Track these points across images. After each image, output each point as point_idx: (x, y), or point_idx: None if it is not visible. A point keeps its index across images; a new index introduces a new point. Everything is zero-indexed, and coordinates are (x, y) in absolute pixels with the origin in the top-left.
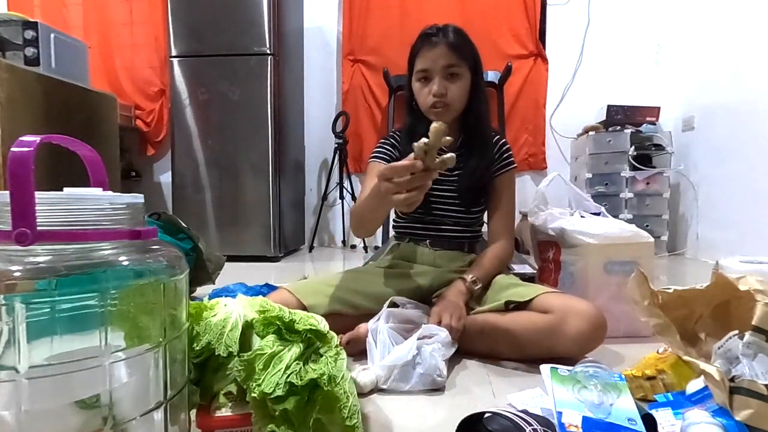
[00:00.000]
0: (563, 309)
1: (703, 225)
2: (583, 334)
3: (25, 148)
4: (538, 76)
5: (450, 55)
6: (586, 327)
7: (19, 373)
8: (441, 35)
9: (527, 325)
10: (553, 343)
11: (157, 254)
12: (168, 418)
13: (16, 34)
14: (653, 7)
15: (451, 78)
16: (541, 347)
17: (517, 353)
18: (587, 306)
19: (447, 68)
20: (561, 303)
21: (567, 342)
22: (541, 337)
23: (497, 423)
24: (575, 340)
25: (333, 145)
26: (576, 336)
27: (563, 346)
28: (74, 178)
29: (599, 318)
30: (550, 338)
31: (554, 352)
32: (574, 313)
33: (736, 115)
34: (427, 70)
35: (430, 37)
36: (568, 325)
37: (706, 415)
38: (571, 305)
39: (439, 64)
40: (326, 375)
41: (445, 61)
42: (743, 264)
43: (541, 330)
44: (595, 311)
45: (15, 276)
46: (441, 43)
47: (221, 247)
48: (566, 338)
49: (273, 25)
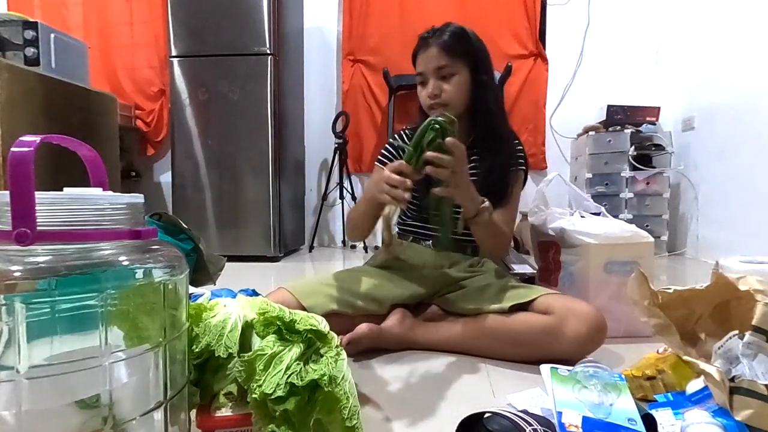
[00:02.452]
0: (563, 310)
1: (703, 225)
2: (583, 336)
3: (25, 148)
4: (538, 76)
5: (441, 55)
6: (586, 329)
7: (19, 373)
8: (435, 37)
9: (527, 325)
10: (552, 345)
11: (157, 254)
12: (168, 418)
13: (16, 34)
14: (653, 7)
15: (444, 78)
16: (540, 348)
17: (517, 354)
18: (588, 308)
19: (439, 69)
20: (561, 304)
21: (566, 344)
22: (541, 338)
23: (497, 423)
24: (574, 342)
25: (333, 145)
26: (575, 338)
27: (562, 348)
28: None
29: (599, 320)
30: (549, 339)
31: (553, 354)
32: (574, 314)
33: (736, 115)
34: (422, 73)
35: (426, 39)
36: (568, 327)
37: (706, 415)
38: (572, 307)
39: (432, 66)
40: (327, 376)
41: (437, 63)
42: (743, 264)
43: (541, 331)
44: (595, 313)
45: (15, 276)
46: (433, 45)
47: (221, 247)
48: (566, 340)
49: (273, 25)
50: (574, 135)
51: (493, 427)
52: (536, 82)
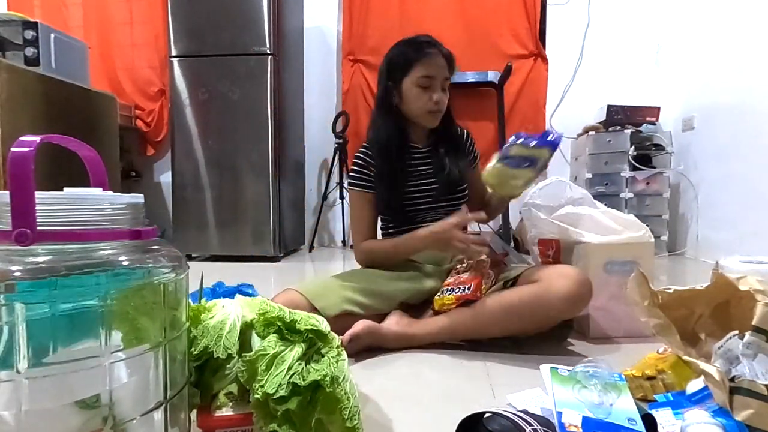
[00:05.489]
0: (548, 274)
1: (703, 225)
2: (572, 292)
3: (25, 148)
4: (538, 76)
5: (447, 68)
6: (573, 285)
7: (19, 373)
8: (438, 48)
9: (518, 295)
10: (545, 308)
11: (157, 254)
12: (168, 418)
13: (16, 34)
14: (653, 7)
15: (444, 91)
16: (534, 315)
17: (514, 327)
18: (570, 269)
19: (445, 80)
20: (545, 270)
21: (557, 302)
22: (533, 304)
23: (497, 423)
24: (564, 300)
25: (333, 145)
26: (565, 295)
27: (554, 307)
28: (74, 178)
29: (584, 278)
30: (541, 303)
31: (549, 317)
32: (560, 275)
33: (736, 115)
34: (433, 77)
35: (431, 47)
36: (556, 287)
37: (706, 415)
38: (556, 270)
39: (442, 75)
40: (329, 376)
41: (446, 74)
42: (743, 264)
43: (533, 296)
44: (578, 272)
45: (15, 276)
46: (440, 55)
47: (221, 247)
48: (556, 299)
49: (273, 25)
50: (574, 135)
51: (493, 427)
52: (536, 82)
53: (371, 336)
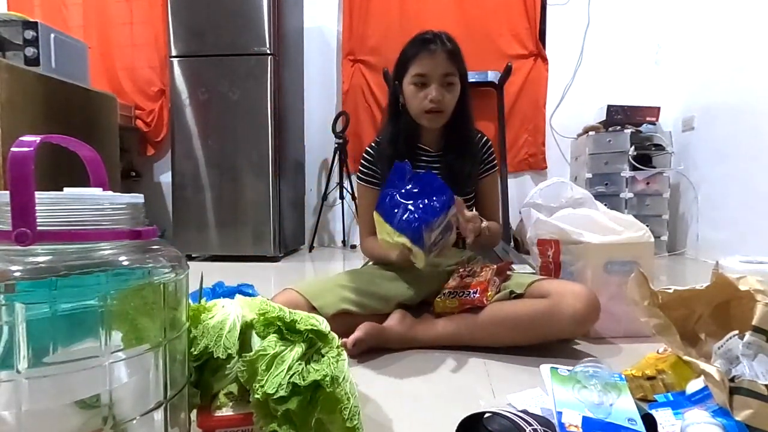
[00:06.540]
0: (559, 291)
1: (703, 225)
2: (580, 313)
3: (25, 148)
4: (538, 76)
5: (448, 63)
6: (582, 306)
7: (19, 373)
8: (439, 42)
9: (526, 309)
10: (551, 325)
11: (157, 254)
12: (168, 418)
13: (16, 34)
14: (653, 7)
15: (447, 87)
16: (540, 330)
17: (518, 339)
18: (581, 287)
19: (445, 76)
20: (556, 286)
21: (565, 322)
22: (540, 320)
23: (497, 423)
24: (572, 320)
25: (333, 145)
26: (573, 315)
27: (561, 327)
28: (74, 178)
29: (593, 298)
30: (548, 320)
31: (553, 334)
32: (570, 294)
33: (736, 115)
34: (425, 75)
35: (429, 43)
36: (565, 306)
37: (706, 415)
38: (566, 287)
39: (438, 72)
40: (329, 376)
41: (444, 70)
42: (743, 264)
43: (540, 313)
44: (589, 292)
45: (15, 276)
46: (440, 51)
47: (221, 247)
48: (564, 318)
49: (273, 25)
50: (574, 135)
51: (493, 427)
52: (536, 82)
53: (374, 338)
